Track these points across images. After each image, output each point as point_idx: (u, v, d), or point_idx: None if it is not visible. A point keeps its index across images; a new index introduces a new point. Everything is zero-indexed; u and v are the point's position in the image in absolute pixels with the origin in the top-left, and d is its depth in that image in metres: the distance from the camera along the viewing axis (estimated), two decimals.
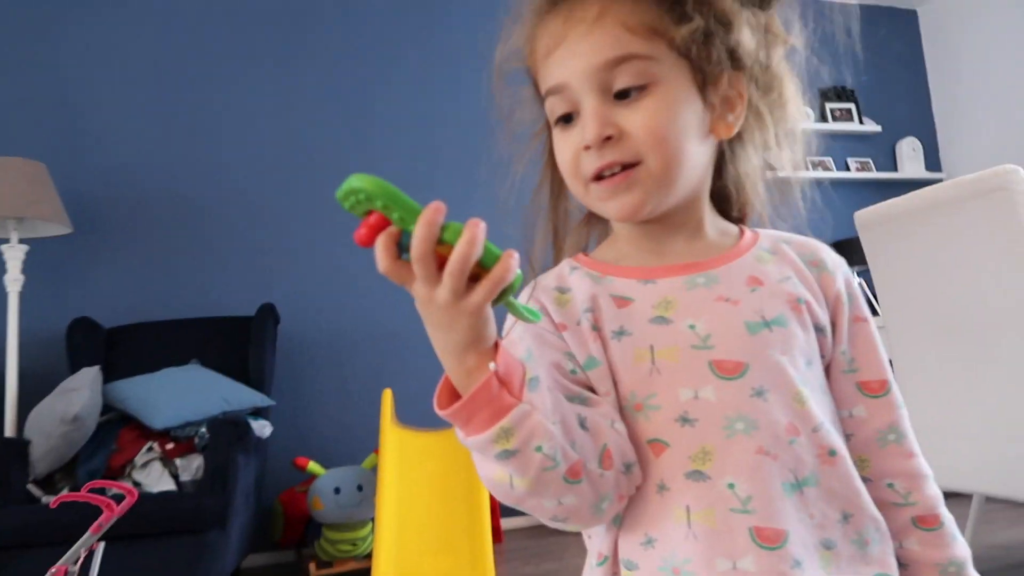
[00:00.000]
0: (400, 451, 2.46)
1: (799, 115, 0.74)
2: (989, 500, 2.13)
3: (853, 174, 3.99)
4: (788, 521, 0.59)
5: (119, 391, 2.41)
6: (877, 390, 0.68)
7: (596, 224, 0.79)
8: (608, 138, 0.64)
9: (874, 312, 2.00)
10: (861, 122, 4.08)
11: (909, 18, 4.39)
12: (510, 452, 0.54)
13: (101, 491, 1.64)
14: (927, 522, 0.67)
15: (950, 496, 0.79)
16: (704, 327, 0.64)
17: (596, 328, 0.66)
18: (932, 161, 4.24)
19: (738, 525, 0.59)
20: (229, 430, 2.22)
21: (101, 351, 2.63)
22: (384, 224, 0.50)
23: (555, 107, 0.68)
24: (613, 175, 0.65)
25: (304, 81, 3.25)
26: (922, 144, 4.20)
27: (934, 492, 0.68)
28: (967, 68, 4.14)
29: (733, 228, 0.74)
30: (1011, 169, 1.46)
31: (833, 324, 0.69)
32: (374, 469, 2.65)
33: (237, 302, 2.93)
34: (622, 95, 0.65)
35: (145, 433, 2.34)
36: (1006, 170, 1.46)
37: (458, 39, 3.44)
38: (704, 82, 0.67)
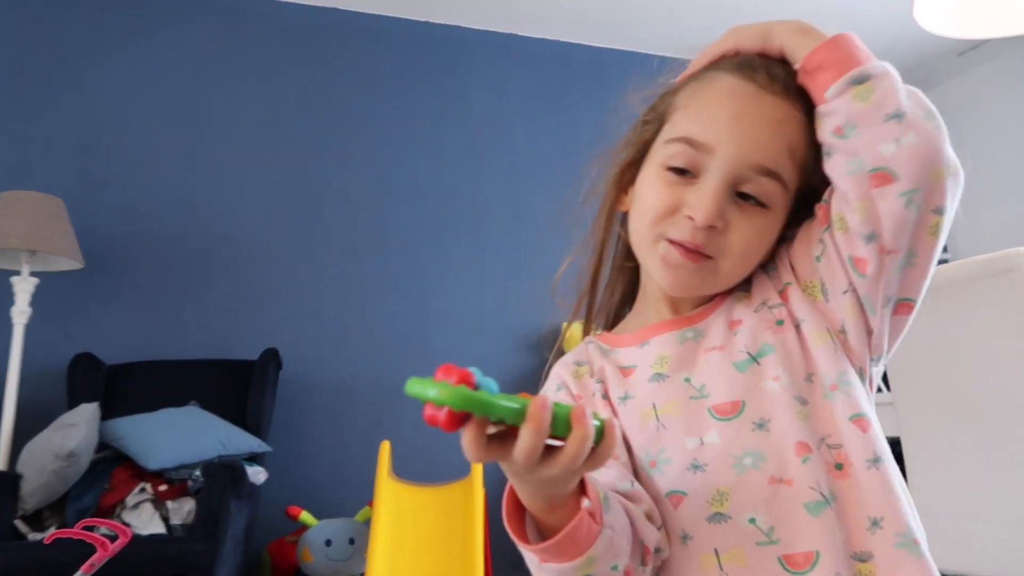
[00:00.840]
0: (395, 505, 2.41)
1: None
2: None
3: None
4: (816, 541, 0.59)
5: (116, 429, 2.38)
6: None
7: (618, 291, 0.80)
8: (712, 227, 0.65)
9: (887, 387, 1.99)
10: None
11: None
12: (590, 574, 0.55)
13: (92, 529, 1.61)
14: None
15: None
16: (698, 379, 0.67)
17: (606, 397, 0.70)
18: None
19: (767, 557, 0.59)
20: (224, 474, 2.18)
21: (101, 388, 2.62)
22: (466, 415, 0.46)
23: (678, 156, 0.67)
24: (687, 249, 0.67)
25: (322, 134, 3.31)
26: None
27: None
28: (975, 151, 4.18)
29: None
30: (1022, 251, 1.47)
31: (813, 281, 0.68)
32: (367, 522, 2.60)
33: (240, 346, 2.92)
34: (743, 197, 0.66)
35: (139, 473, 2.31)
36: (1018, 252, 1.47)
37: (478, 116, 3.52)
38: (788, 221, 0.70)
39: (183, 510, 2.23)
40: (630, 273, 0.79)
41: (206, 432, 2.41)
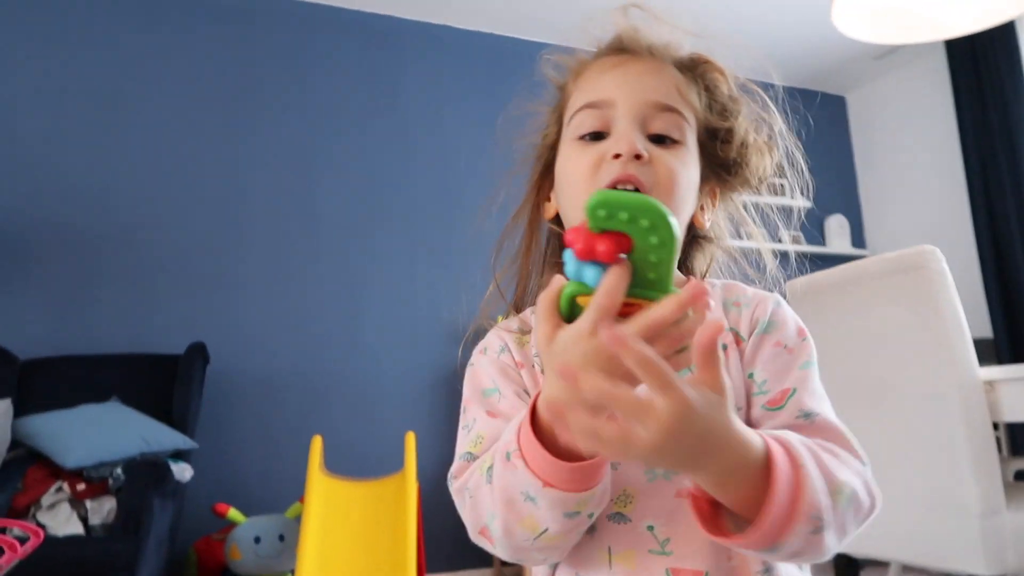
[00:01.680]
0: (327, 500, 2.39)
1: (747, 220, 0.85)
2: (906, 569, 2.18)
3: (786, 245, 4.14)
4: (707, 562, 0.61)
5: (30, 426, 2.29)
6: (779, 400, 0.66)
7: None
8: (639, 157, 0.67)
9: None
10: (792, 197, 4.26)
11: (838, 103, 4.65)
12: (580, 514, 0.57)
13: (2, 531, 1.55)
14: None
15: (869, 564, 0.81)
16: None
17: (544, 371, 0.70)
18: (858, 238, 4.45)
19: (656, 566, 0.61)
20: (146, 472, 2.12)
21: (13, 384, 2.50)
22: (619, 248, 0.48)
23: (586, 122, 0.71)
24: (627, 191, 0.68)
25: (248, 121, 3.23)
26: (849, 221, 4.41)
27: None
28: (890, 152, 4.39)
29: (680, 277, 0.79)
30: (930, 250, 1.55)
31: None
32: (297, 519, 2.56)
33: (165, 339, 2.84)
34: (656, 139, 0.70)
35: (55, 472, 2.22)
36: (925, 250, 1.55)
37: (408, 107, 3.49)
38: (703, 173, 0.75)
39: (103, 509, 2.16)
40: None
41: (128, 428, 2.33)
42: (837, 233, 4.34)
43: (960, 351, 1.51)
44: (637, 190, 0.67)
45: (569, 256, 0.50)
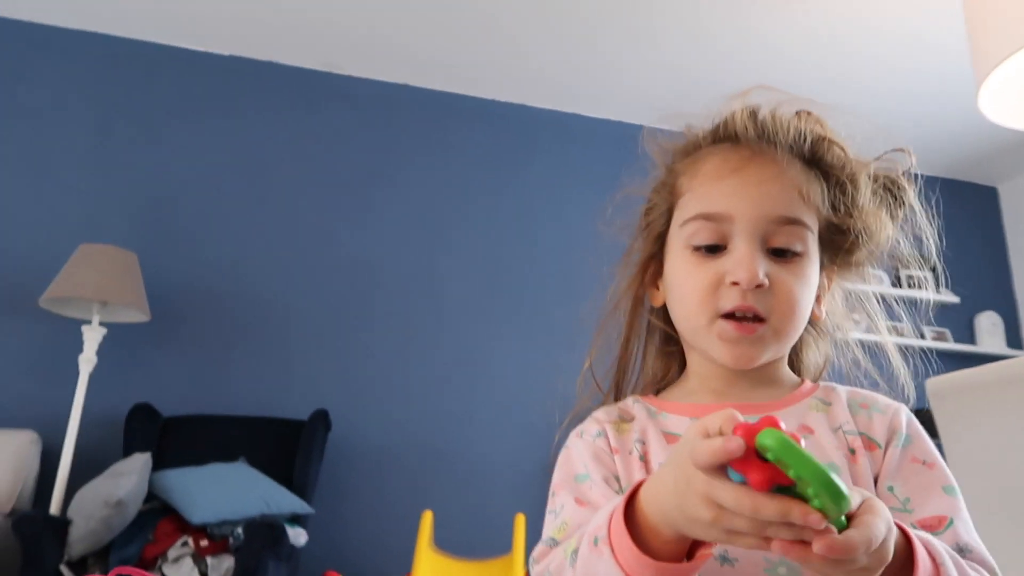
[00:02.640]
0: None
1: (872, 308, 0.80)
2: None
3: (928, 343, 3.87)
4: None
5: (164, 480, 2.42)
6: (935, 527, 0.63)
7: (672, 363, 0.79)
8: (759, 286, 0.66)
9: None
10: (939, 292, 3.99)
11: (990, 194, 4.38)
12: None
13: None
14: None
15: None
16: None
17: (643, 459, 0.68)
18: (1014, 337, 4.09)
19: None
20: (264, 533, 2.18)
21: (155, 439, 2.68)
22: (774, 479, 0.45)
23: (701, 233, 0.69)
24: (744, 320, 0.67)
25: (385, 203, 3.41)
26: (1003, 319, 4.07)
27: None
28: None
29: (794, 377, 0.75)
30: None
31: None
32: None
33: (291, 404, 2.96)
34: (777, 252, 0.68)
35: (182, 526, 2.33)
36: None
37: (534, 191, 3.59)
38: (820, 261, 0.72)
39: (222, 566, 2.23)
40: (674, 357, 0.80)
41: (251, 489, 2.43)
42: (989, 331, 4.00)
43: None
44: (756, 316, 0.66)
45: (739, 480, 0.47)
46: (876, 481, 0.65)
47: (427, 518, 2.50)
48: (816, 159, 0.71)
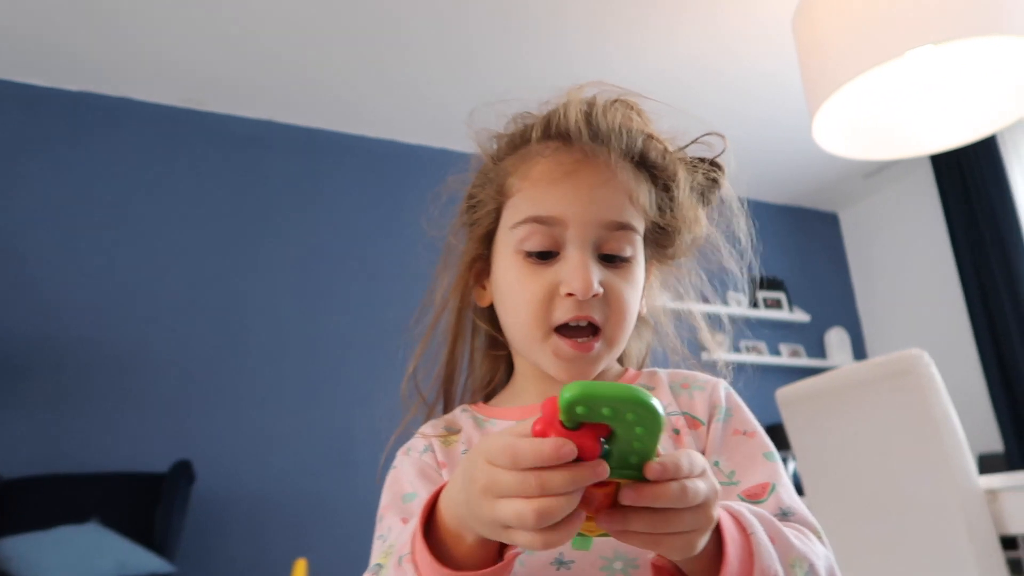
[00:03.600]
0: None
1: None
2: None
3: (784, 359, 4.11)
4: None
5: (4, 549, 2.20)
6: (759, 494, 0.64)
7: (500, 366, 0.79)
8: (595, 295, 0.66)
9: (800, 491, 1.98)
10: (791, 311, 4.26)
11: (832, 220, 4.74)
12: None
13: None
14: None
15: None
16: None
17: None
18: (859, 351, 4.41)
19: None
20: None
21: None
22: (595, 434, 0.43)
23: (533, 238, 0.67)
24: (579, 329, 0.67)
25: (254, 243, 3.30)
26: (849, 334, 4.38)
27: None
28: (887, 265, 4.42)
29: (618, 367, 0.77)
30: (918, 354, 1.52)
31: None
32: None
33: (150, 457, 2.78)
34: (607, 258, 0.68)
35: None
36: (913, 354, 1.53)
37: (414, 231, 3.58)
38: (645, 265, 0.73)
39: None
40: (502, 360, 0.79)
41: (103, 552, 2.25)
42: (838, 346, 4.30)
43: (956, 457, 1.45)
44: (592, 324, 0.66)
45: None
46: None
47: (300, 566, 2.40)
48: (644, 160, 0.71)
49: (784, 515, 0.62)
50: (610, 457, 0.44)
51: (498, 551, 0.52)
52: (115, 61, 3.03)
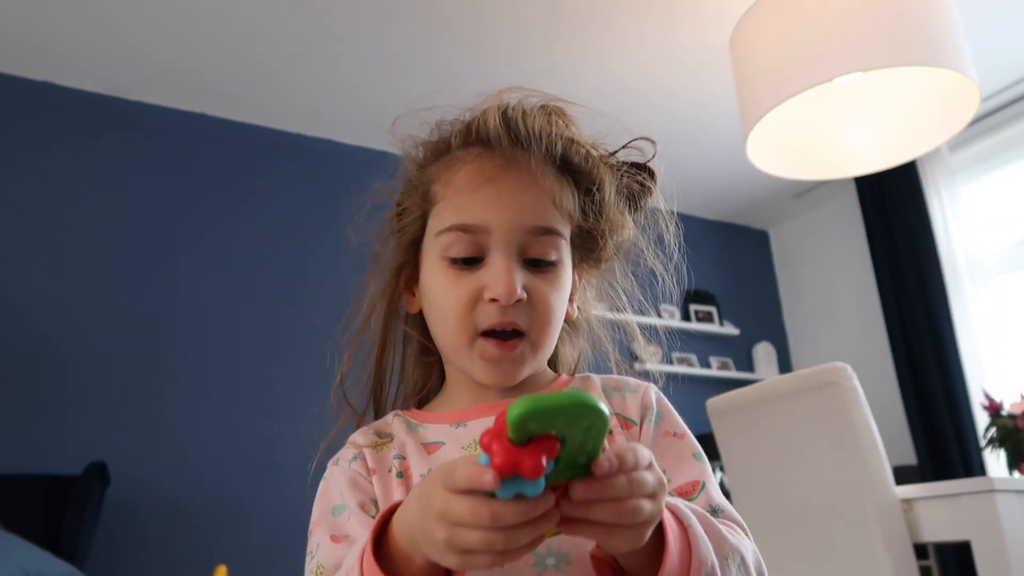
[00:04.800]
0: None
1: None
2: None
3: (714, 372, 4.20)
4: None
5: None
6: (690, 492, 0.66)
7: (432, 372, 0.78)
8: (518, 300, 0.66)
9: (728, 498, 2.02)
10: (722, 324, 4.36)
11: (762, 237, 4.88)
12: None
13: None
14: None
15: None
16: None
17: (403, 476, 0.67)
18: (784, 364, 4.54)
19: None
20: None
21: None
22: (549, 447, 0.43)
23: (457, 245, 0.67)
24: (505, 335, 0.67)
25: (167, 237, 3.18)
26: (775, 348, 4.51)
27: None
28: (812, 283, 4.58)
29: (551, 373, 0.77)
30: (841, 367, 1.58)
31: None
32: None
33: (63, 458, 2.64)
34: (533, 263, 0.68)
35: None
36: (837, 367, 1.58)
37: (344, 227, 3.52)
38: (573, 269, 0.74)
39: None
40: (433, 366, 0.79)
41: (5, 557, 2.12)
42: (765, 360, 4.42)
43: (875, 467, 1.50)
44: (516, 330, 0.67)
45: (486, 462, 0.44)
46: None
47: (221, 573, 2.32)
48: (567, 164, 0.72)
49: (714, 511, 0.64)
50: (559, 462, 0.44)
51: (444, 573, 0.52)
52: (37, 44, 2.89)
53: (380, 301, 0.76)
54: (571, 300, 0.76)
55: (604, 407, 0.43)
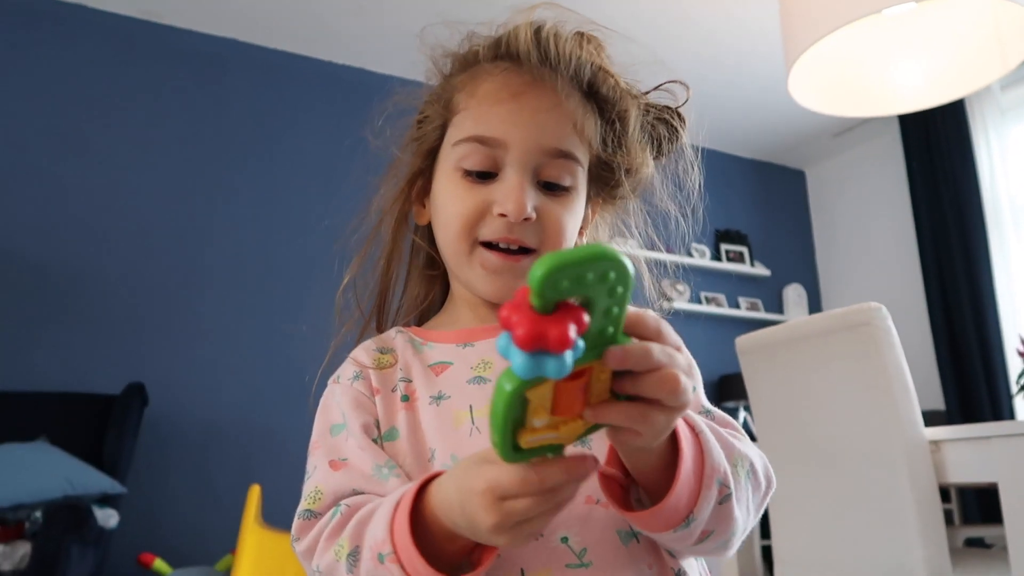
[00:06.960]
0: (259, 553, 2.27)
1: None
2: None
3: (743, 312, 4.17)
4: (627, 571, 0.57)
5: None
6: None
7: (434, 287, 0.78)
8: (526, 219, 0.65)
9: (752, 438, 2.04)
10: (752, 265, 4.31)
11: (798, 177, 4.77)
12: None
13: None
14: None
15: None
16: None
17: (407, 398, 0.66)
18: (815, 307, 4.50)
19: None
20: (66, 516, 2.01)
21: None
22: (577, 315, 0.38)
23: (473, 156, 0.66)
24: (508, 251, 0.66)
25: (201, 163, 3.20)
26: (806, 291, 4.46)
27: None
28: (848, 225, 4.49)
29: None
30: (875, 307, 1.55)
31: None
32: (227, 572, 2.43)
33: (105, 378, 2.73)
34: (547, 186, 0.67)
35: None
36: (871, 307, 1.55)
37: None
38: (588, 202, 0.72)
39: (16, 555, 2.03)
40: (436, 280, 0.78)
41: (51, 470, 2.21)
42: (795, 302, 4.38)
43: (905, 409, 1.49)
44: (523, 248, 0.66)
45: (506, 341, 0.39)
46: None
47: (254, 493, 2.40)
48: (594, 92, 0.70)
49: (707, 413, 0.65)
50: (586, 339, 0.40)
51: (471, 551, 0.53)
52: None
53: (391, 208, 0.75)
54: (581, 233, 0.74)
55: (628, 261, 0.39)
